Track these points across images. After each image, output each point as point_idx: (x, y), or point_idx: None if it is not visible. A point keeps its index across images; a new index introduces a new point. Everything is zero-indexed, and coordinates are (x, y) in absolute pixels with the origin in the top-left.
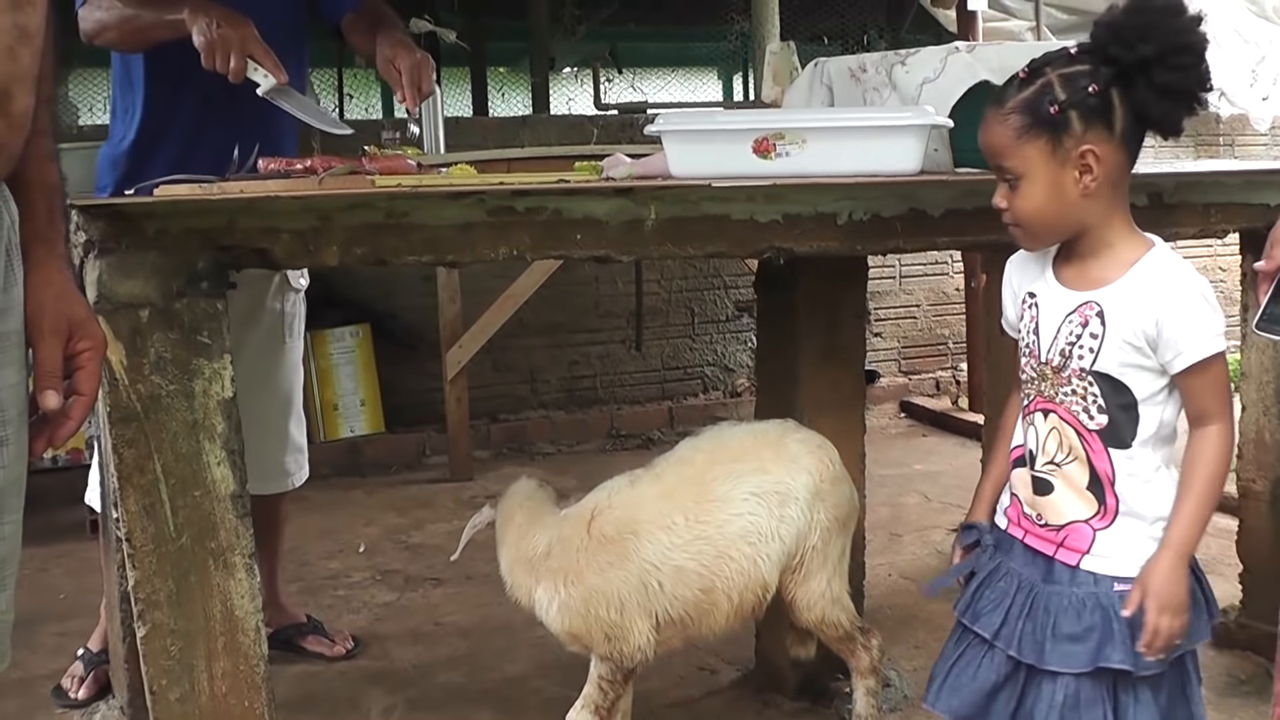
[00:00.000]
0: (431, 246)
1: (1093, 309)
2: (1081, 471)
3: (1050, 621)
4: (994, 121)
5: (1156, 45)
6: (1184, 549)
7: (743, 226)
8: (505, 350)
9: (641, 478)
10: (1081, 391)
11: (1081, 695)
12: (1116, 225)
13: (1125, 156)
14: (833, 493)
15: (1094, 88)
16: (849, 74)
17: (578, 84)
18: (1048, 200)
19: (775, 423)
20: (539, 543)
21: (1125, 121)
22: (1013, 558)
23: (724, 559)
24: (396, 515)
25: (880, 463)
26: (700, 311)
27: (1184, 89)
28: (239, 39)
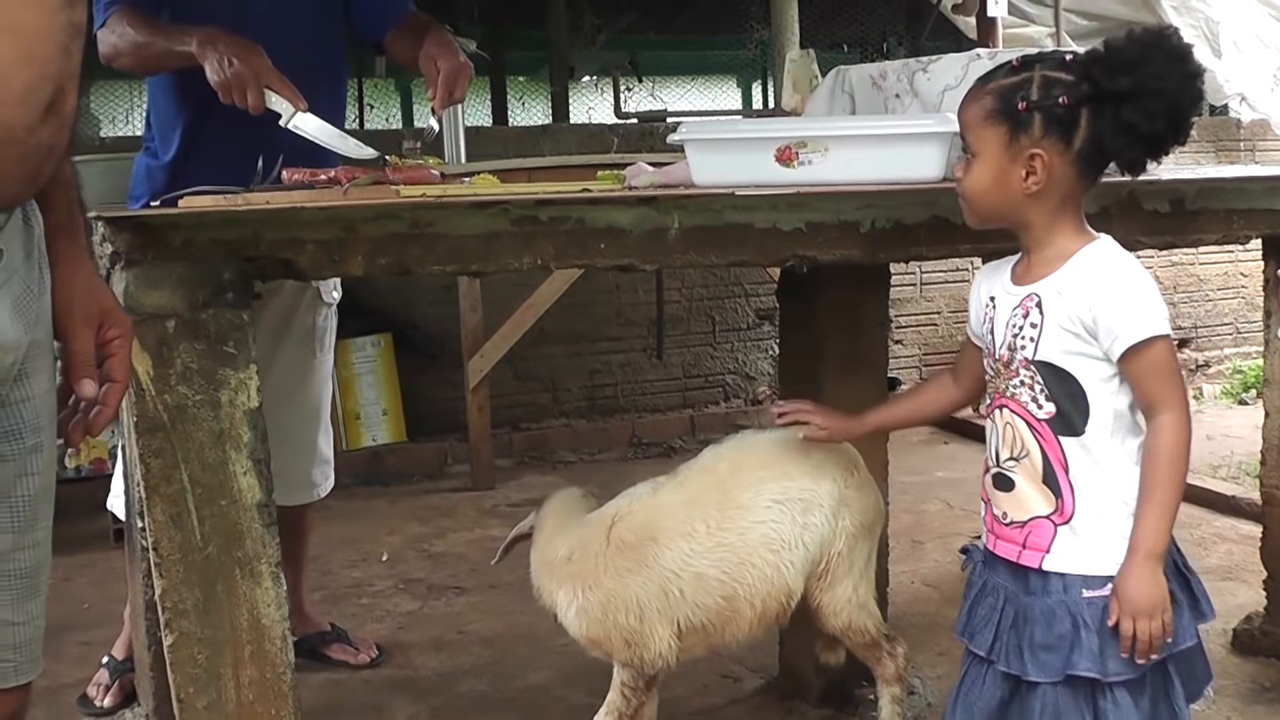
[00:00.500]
0: (456, 256)
1: (1033, 300)
2: (1036, 463)
3: (1029, 631)
4: (972, 96)
5: (1133, 82)
6: (1150, 550)
7: (766, 235)
8: (526, 359)
9: (664, 485)
10: (1029, 382)
11: (1060, 704)
12: (1062, 229)
13: (1077, 174)
14: (858, 499)
15: (1064, 100)
16: (870, 82)
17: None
18: (991, 186)
19: (799, 430)
20: (560, 547)
21: (1084, 142)
22: (998, 573)
23: (746, 566)
24: (419, 524)
25: (902, 469)
26: (721, 320)
27: (1145, 132)
28: (253, 73)
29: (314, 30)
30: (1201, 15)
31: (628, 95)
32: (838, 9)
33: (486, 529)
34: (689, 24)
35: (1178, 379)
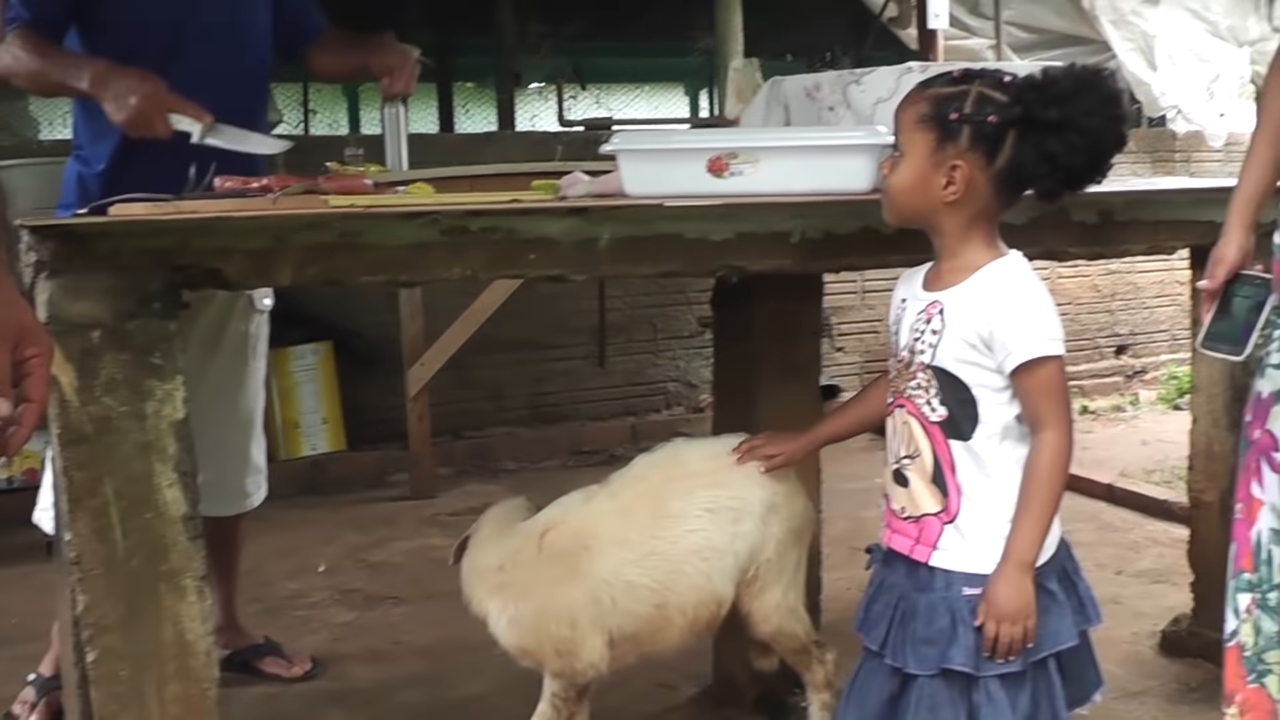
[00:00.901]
0: (386, 266)
1: (936, 307)
2: (927, 464)
3: (914, 626)
4: (910, 98)
5: (1062, 114)
6: (1020, 560)
7: (696, 245)
8: (469, 367)
9: (597, 494)
10: (925, 385)
11: (936, 696)
12: (973, 241)
13: (994, 191)
14: (788, 506)
15: (993, 118)
16: (805, 93)
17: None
18: (912, 188)
19: (731, 437)
20: (492, 557)
21: (1006, 162)
22: (895, 570)
23: (678, 574)
24: (358, 534)
25: (841, 476)
26: (663, 327)
27: (1064, 164)
28: (152, 103)
29: (251, 30)
30: (1139, 30)
31: (573, 103)
32: (782, 19)
33: (427, 539)
34: (636, 32)
35: (1063, 399)
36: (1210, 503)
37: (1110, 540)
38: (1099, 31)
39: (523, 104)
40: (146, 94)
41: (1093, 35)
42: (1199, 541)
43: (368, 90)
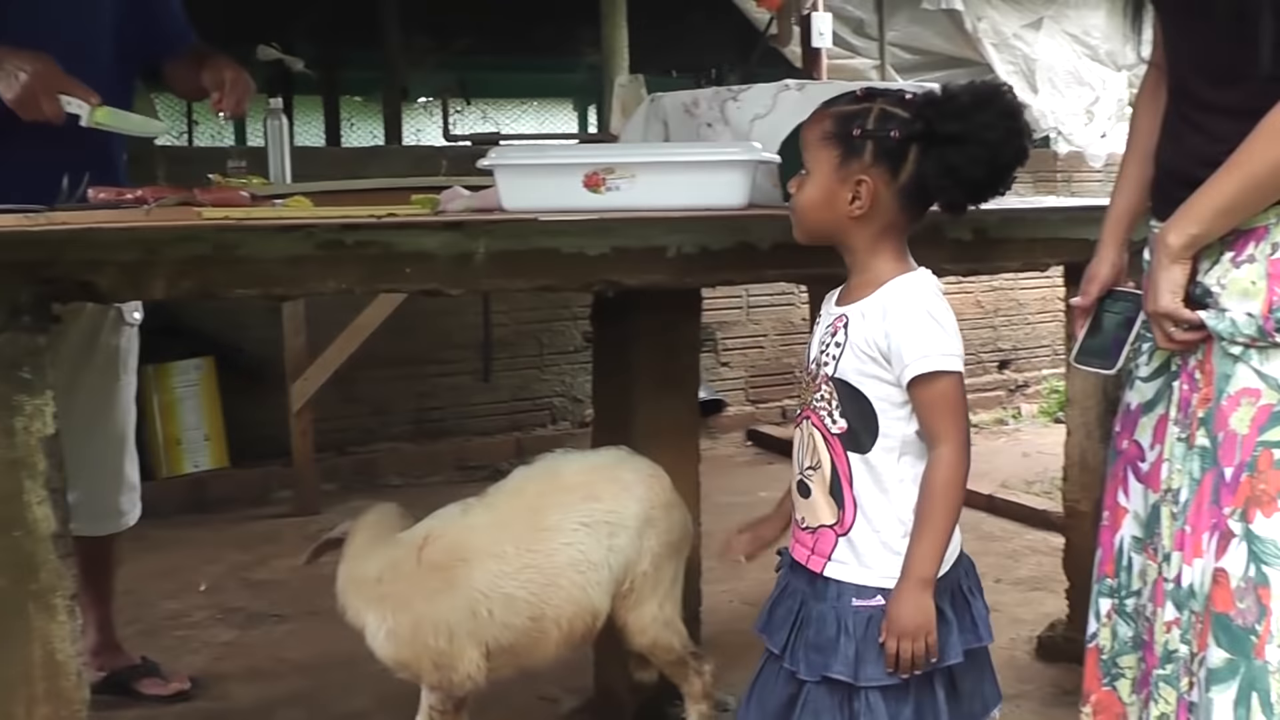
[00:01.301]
0: (260, 280)
1: (842, 321)
2: (826, 475)
3: (808, 632)
4: (815, 117)
5: (962, 128)
6: (920, 576)
7: (572, 260)
8: (353, 382)
9: (474, 506)
10: (827, 397)
11: (820, 703)
12: (882, 256)
13: (900, 205)
14: (664, 519)
15: (896, 133)
16: (684, 109)
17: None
18: (819, 204)
19: (608, 451)
20: (370, 567)
21: (909, 176)
22: (798, 577)
23: (553, 587)
24: (240, 552)
25: (726, 490)
26: (549, 343)
27: (966, 176)
28: (44, 81)
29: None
30: (1020, 53)
31: (460, 118)
32: (669, 36)
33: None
34: (523, 48)
35: (961, 415)
36: (1084, 512)
37: (991, 549)
38: (981, 54)
39: (410, 118)
40: (37, 72)
41: (975, 58)
42: (1073, 550)
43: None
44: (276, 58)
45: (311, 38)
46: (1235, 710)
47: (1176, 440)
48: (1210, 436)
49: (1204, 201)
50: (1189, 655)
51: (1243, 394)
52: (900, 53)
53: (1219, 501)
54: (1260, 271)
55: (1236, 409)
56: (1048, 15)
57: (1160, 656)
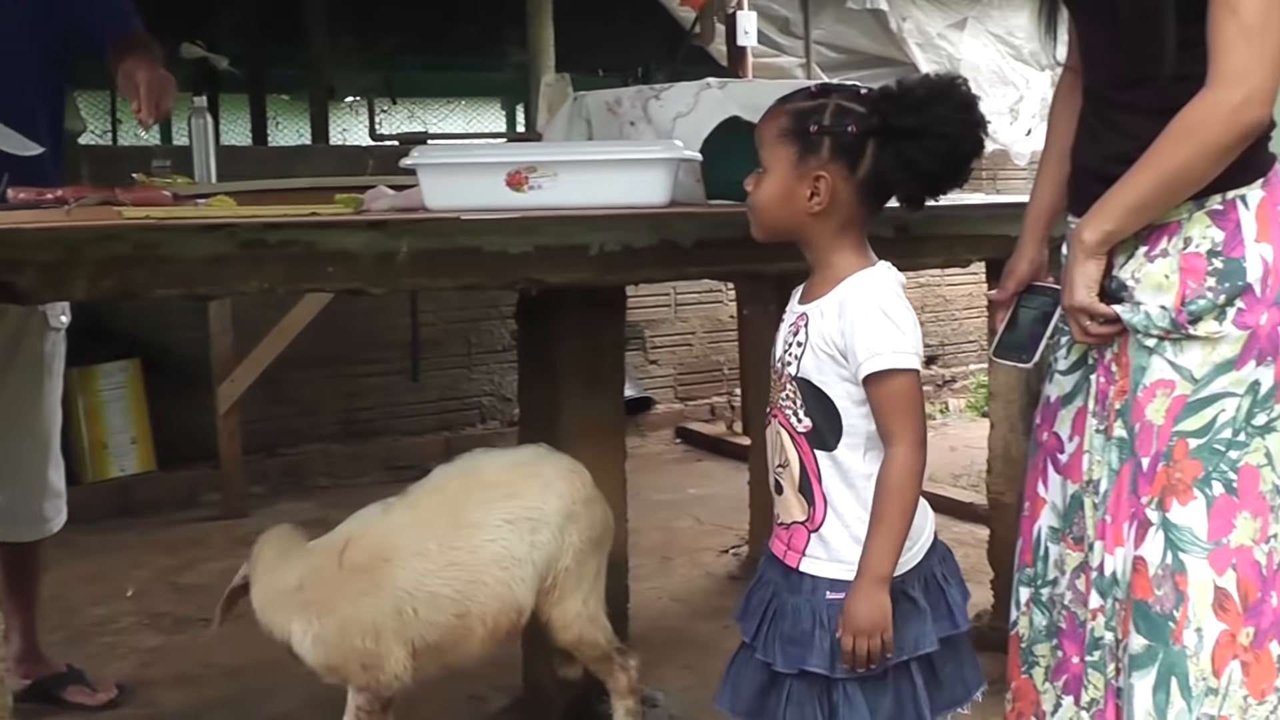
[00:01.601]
0: (183, 279)
1: (803, 320)
2: (795, 473)
3: (783, 625)
4: (770, 114)
5: (918, 122)
6: (875, 574)
7: (495, 258)
8: (281, 383)
9: (395, 506)
10: (792, 396)
11: (800, 695)
12: (842, 251)
13: (858, 200)
14: (585, 514)
15: (853, 128)
16: (607, 108)
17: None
18: (778, 201)
19: (529, 448)
20: (289, 577)
21: (868, 171)
22: (773, 568)
23: (478, 584)
24: (168, 556)
25: (655, 488)
26: (477, 342)
27: (924, 169)
28: None
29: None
30: (945, 52)
31: (387, 117)
32: (595, 35)
33: (238, 558)
34: (449, 47)
35: (915, 413)
36: (1008, 504)
37: None
38: (906, 54)
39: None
40: None
41: (901, 57)
42: (998, 541)
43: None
44: (201, 56)
45: (237, 35)
46: (1155, 695)
47: (1095, 432)
48: (1127, 428)
49: (1118, 199)
50: (1114, 642)
51: (1158, 385)
52: (826, 51)
53: (1137, 491)
54: (1173, 265)
55: (1152, 400)
56: (972, 15)
57: (1087, 644)
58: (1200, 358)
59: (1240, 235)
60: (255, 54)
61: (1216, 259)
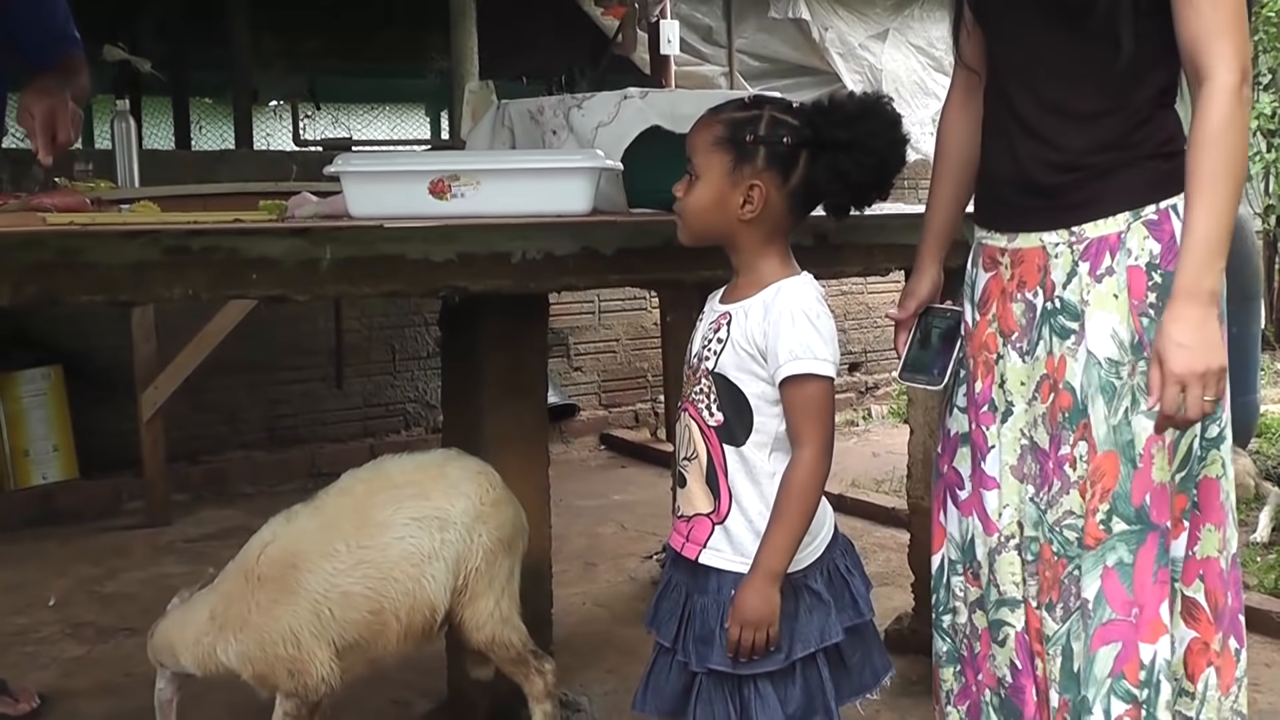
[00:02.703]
0: (106, 286)
1: (725, 319)
2: (703, 465)
3: (695, 624)
4: (703, 122)
5: (850, 135)
6: (769, 569)
7: (418, 266)
8: (204, 390)
9: (300, 512)
10: (706, 390)
11: (712, 692)
12: (769, 257)
13: (788, 208)
14: (494, 515)
15: (788, 139)
16: (529, 116)
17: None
18: (710, 207)
19: (437, 452)
20: (199, 615)
21: (799, 182)
22: (680, 569)
23: (388, 580)
24: (90, 565)
25: (579, 494)
26: (401, 348)
27: (855, 181)
28: None
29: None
30: (866, 63)
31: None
32: (519, 42)
33: (161, 567)
34: (373, 52)
35: (826, 420)
36: (927, 508)
37: None
38: (829, 63)
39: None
40: None
41: (823, 66)
42: (918, 545)
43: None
44: (123, 58)
45: (160, 37)
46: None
47: (1027, 490)
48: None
49: (1208, 228)
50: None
51: (1151, 445)
52: (748, 60)
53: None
54: (1120, 283)
55: (1152, 463)
56: (893, 26)
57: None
58: None
59: (1175, 247)
60: (178, 56)
61: (1155, 273)
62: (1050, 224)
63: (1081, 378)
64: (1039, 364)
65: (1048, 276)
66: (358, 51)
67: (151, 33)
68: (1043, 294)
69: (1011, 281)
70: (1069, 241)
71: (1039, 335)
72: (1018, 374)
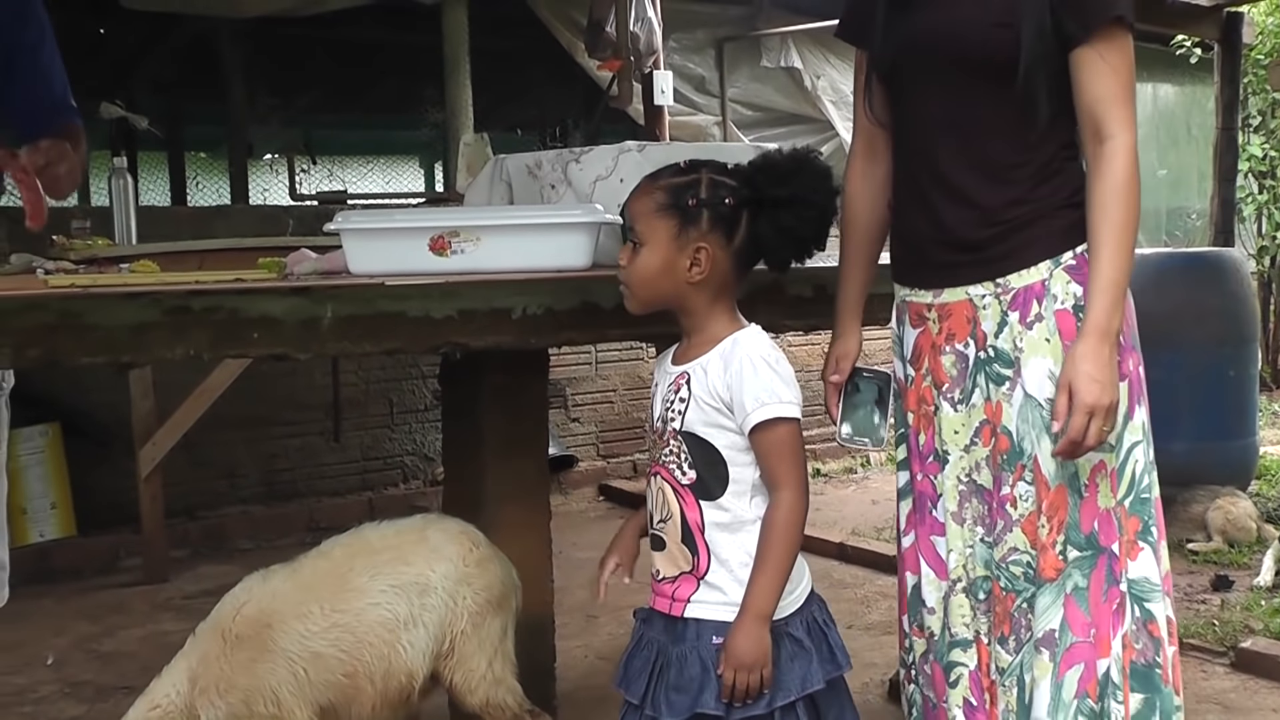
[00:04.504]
0: (107, 347)
1: (684, 378)
2: (678, 525)
3: (668, 676)
4: (642, 190)
5: (790, 192)
6: (758, 611)
7: (418, 323)
8: (202, 445)
9: (276, 572)
10: (676, 450)
11: None
12: (718, 315)
13: (734, 267)
14: (479, 575)
15: (729, 200)
16: (527, 171)
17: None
18: (658, 273)
19: (417, 516)
20: (171, 687)
21: (743, 240)
22: (654, 627)
23: (363, 645)
24: (88, 623)
25: (579, 545)
26: (399, 401)
27: (798, 235)
28: None
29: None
30: None
31: (306, 176)
32: (513, 93)
33: (159, 624)
34: (367, 105)
35: (798, 460)
36: None
37: (842, 596)
38: (822, 111)
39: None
40: None
41: (816, 114)
42: None
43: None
44: (120, 115)
45: (155, 93)
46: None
47: (975, 531)
48: (1074, 528)
49: (1109, 274)
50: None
51: (1096, 473)
52: (742, 109)
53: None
54: (1050, 327)
55: (1097, 491)
56: None
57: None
58: None
59: None
60: (173, 111)
61: (1082, 314)
62: (975, 277)
63: (1018, 421)
64: (976, 410)
65: (978, 327)
66: (352, 104)
67: (147, 88)
68: (974, 344)
69: (940, 335)
70: (995, 293)
71: (974, 384)
72: (951, 423)
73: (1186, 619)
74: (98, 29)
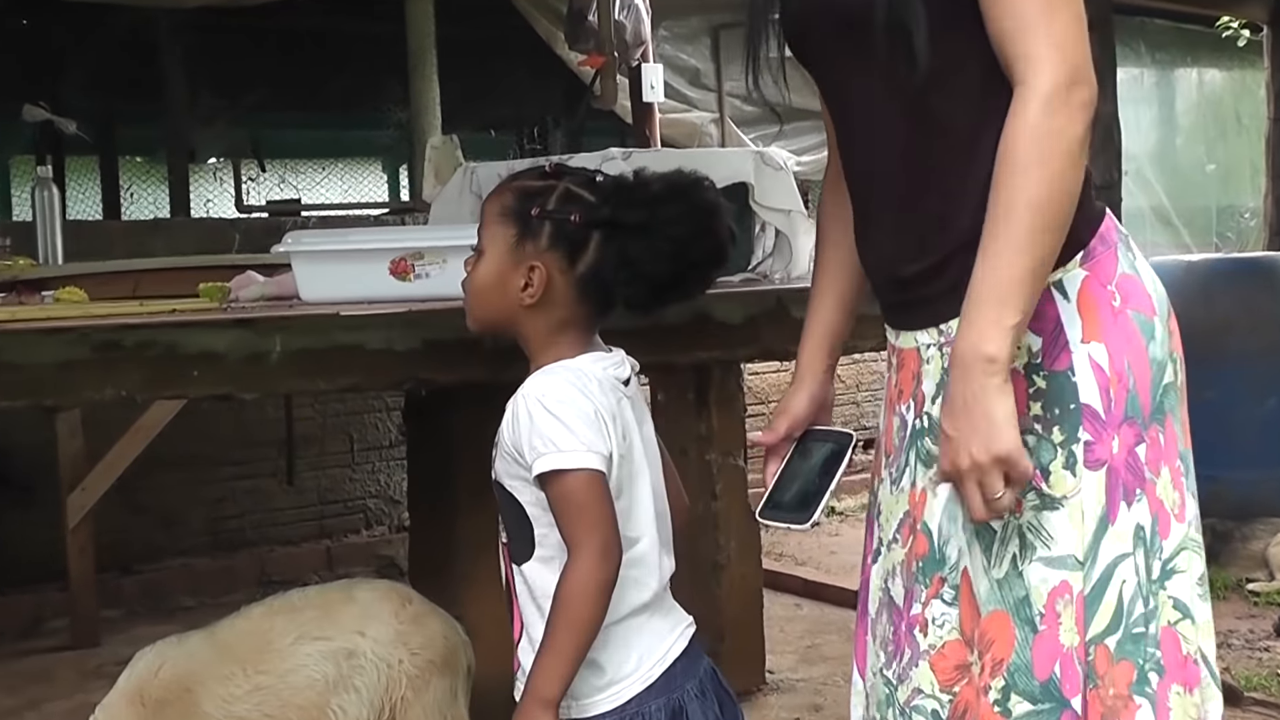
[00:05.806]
0: (30, 388)
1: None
2: (504, 588)
3: None
4: (496, 191)
5: (645, 218)
6: (538, 695)
7: (379, 357)
8: (137, 490)
9: (191, 636)
10: (499, 504)
11: None
12: (559, 350)
13: (577, 297)
14: (416, 633)
15: (576, 217)
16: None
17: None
18: (490, 288)
19: (343, 581)
20: None
21: (588, 266)
22: None
23: (289, 708)
24: (6, 695)
25: None
26: (360, 437)
27: (647, 271)
28: None
29: None
30: None
31: (254, 183)
32: (485, 88)
33: (89, 694)
34: (322, 103)
35: (592, 518)
36: None
37: (839, 636)
38: None
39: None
40: None
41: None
42: None
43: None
44: (45, 118)
45: (85, 92)
46: None
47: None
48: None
49: (998, 278)
50: None
51: (1054, 597)
52: (739, 104)
53: None
54: None
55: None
56: None
57: None
58: (1072, 530)
59: (1063, 337)
60: (106, 113)
61: (1037, 376)
62: (918, 321)
63: (942, 518)
64: (904, 497)
65: (919, 386)
66: (306, 103)
67: (76, 87)
68: (914, 407)
69: (894, 389)
70: (939, 343)
71: (906, 460)
72: (888, 505)
73: (1247, 669)
74: (20, 21)
